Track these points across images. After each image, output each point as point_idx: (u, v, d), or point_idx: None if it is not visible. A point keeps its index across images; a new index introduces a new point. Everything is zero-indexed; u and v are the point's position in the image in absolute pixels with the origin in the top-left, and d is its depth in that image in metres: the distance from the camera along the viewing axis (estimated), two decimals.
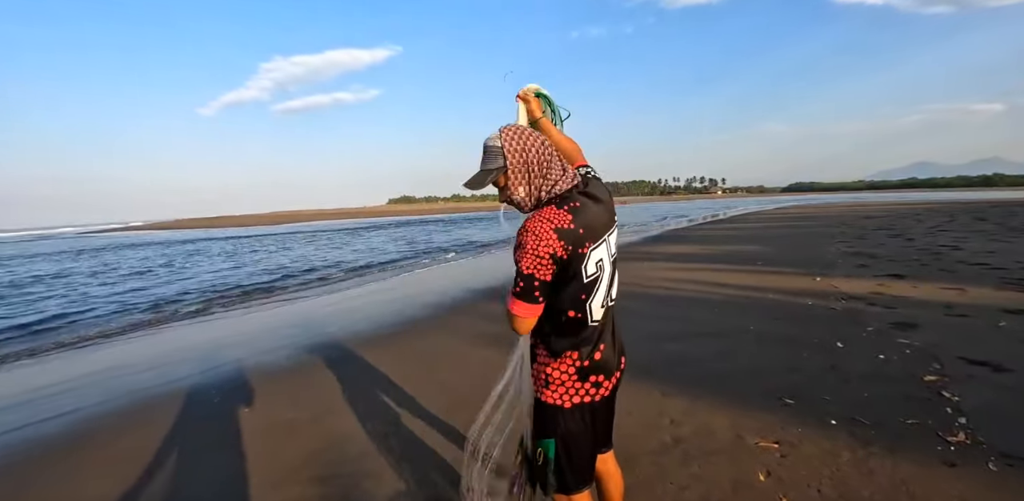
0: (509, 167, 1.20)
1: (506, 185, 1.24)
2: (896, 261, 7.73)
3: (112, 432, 3.06)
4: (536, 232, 1.14)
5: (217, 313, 7.23)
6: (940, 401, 2.71)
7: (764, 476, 2.09)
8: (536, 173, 1.21)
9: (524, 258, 1.15)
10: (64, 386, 4.04)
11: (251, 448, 2.70)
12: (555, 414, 1.29)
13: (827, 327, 4.25)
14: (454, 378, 3.60)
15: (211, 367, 4.23)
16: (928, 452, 2.20)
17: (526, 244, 1.15)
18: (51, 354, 5.39)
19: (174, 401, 3.50)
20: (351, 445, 2.66)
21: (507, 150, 1.20)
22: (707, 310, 5.15)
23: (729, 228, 18.00)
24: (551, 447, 1.31)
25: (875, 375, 3.13)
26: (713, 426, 2.57)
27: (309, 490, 2.25)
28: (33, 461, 2.75)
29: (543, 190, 1.23)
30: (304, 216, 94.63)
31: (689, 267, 8.29)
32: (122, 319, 7.24)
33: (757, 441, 2.38)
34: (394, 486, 2.23)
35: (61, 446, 2.91)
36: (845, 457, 2.20)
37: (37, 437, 3.05)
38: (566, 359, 1.28)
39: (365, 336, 4.96)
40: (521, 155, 1.20)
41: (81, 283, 11.67)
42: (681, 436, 2.48)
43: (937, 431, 2.38)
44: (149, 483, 2.42)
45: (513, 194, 1.24)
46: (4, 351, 5.67)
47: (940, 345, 3.62)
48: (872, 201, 44.03)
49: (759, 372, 3.31)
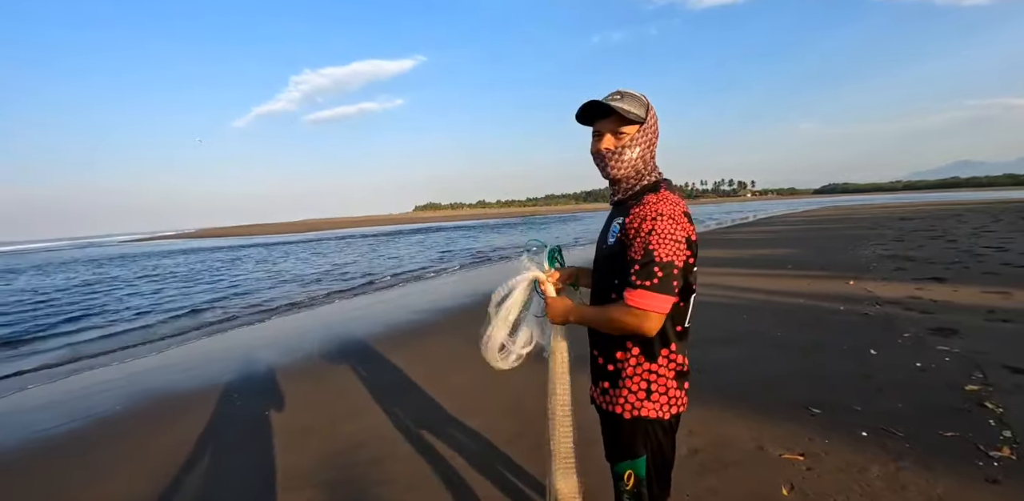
0: (645, 125, 1.15)
1: (623, 139, 1.15)
2: (936, 264, 7.36)
3: (138, 431, 3.14)
4: (672, 215, 1.07)
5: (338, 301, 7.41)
6: (982, 412, 2.54)
7: (787, 490, 1.98)
8: (651, 151, 1.19)
9: (661, 245, 1.04)
10: (99, 388, 4.18)
11: (268, 450, 2.73)
12: (652, 429, 1.17)
13: (859, 333, 4.06)
14: (464, 382, 3.57)
15: (241, 368, 4.32)
16: (967, 467, 2.06)
17: (662, 229, 1.05)
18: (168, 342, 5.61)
19: (199, 402, 3.57)
20: (364, 450, 2.65)
21: (650, 111, 1.17)
22: (732, 316, 4.99)
23: (758, 231, 17.55)
24: (642, 466, 1.18)
25: (911, 384, 2.96)
26: (733, 437, 2.46)
27: (322, 493, 2.26)
28: (70, 457, 2.84)
29: (646, 169, 1.19)
30: (335, 223, 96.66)
31: (715, 271, 8.07)
32: (171, 323, 7.48)
33: (781, 453, 2.26)
34: (405, 491, 2.20)
35: (94, 443, 3.00)
36: (876, 471, 2.07)
37: (78, 433, 3.16)
38: (662, 360, 1.17)
39: (384, 337, 5.00)
40: (655, 126, 1.18)
41: (128, 284, 12.14)
42: (698, 447, 2.38)
43: (978, 445, 2.22)
44: (173, 482, 2.46)
45: (624, 151, 1.15)
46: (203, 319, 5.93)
47: (982, 352, 3.41)
48: (910, 202, 42.29)
49: (784, 381, 3.17)
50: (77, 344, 6.50)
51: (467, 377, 3.68)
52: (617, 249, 1.15)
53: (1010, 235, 10.64)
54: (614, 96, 1.16)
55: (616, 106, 1.12)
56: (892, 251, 9.19)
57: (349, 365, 4.26)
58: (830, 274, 6.99)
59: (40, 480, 2.62)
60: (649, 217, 1.07)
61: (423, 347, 4.73)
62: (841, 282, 6.31)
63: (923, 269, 6.94)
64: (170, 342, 6.11)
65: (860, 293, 5.58)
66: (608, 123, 1.16)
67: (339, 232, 50.54)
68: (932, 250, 8.98)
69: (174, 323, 7.48)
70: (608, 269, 1.21)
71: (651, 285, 1.03)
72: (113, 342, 6.39)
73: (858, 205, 41.04)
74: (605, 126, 1.17)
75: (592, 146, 1.21)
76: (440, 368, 4.00)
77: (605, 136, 1.17)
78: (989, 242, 9.59)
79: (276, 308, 8.15)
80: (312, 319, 6.93)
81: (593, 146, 1.20)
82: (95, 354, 5.77)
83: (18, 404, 4.03)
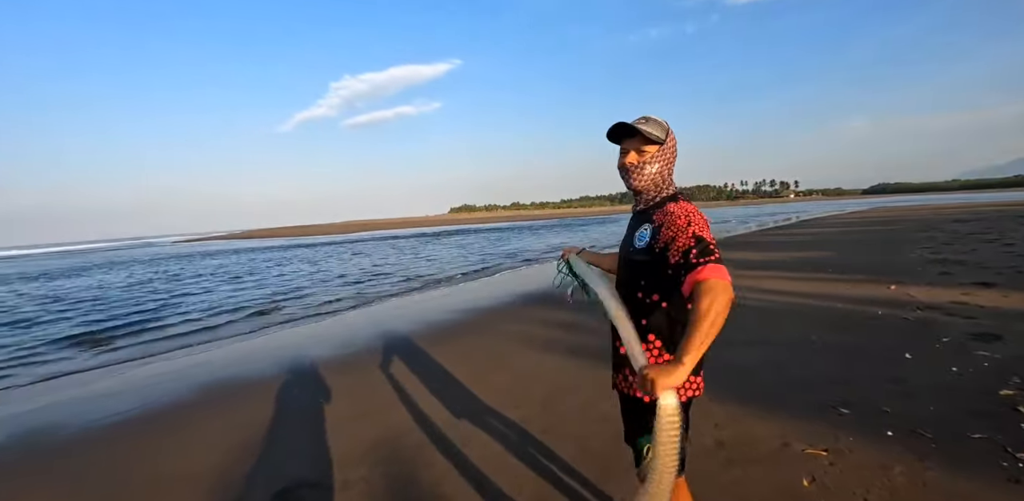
0: (664, 146, 1.37)
1: (644, 157, 1.36)
2: (987, 268, 7.09)
3: (208, 415, 3.49)
4: (700, 214, 1.26)
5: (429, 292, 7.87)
6: (1014, 416, 2.55)
7: (808, 482, 2.09)
8: (669, 168, 1.39)
9: (705, 230, 1.19)
10: (162, 377, 4.62)
11: (325, 433, 3.03)
12: None
13: (896, 338, 4.04)
14: (504, 378, 3.78)
15: (296, 361, 4.67)
16: (991, 468, 2.11)
17: (698, 221, 1.22)
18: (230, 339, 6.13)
19: (261, 391, 3.92)
20: (411, 436, 2.91)
21: (670, 135, 1.38)
22: (770, 318, 5.02)
23: (800, 233, 17.10)
24: None
25: (945, 388, 2.98)
26: (759, 432, 2.57)
27: (374, 470, 2.52)
28: (150, 436, 3.21)
29: (664, 183, 1.39)
30: (374, 225, 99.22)
31: (754, 274, 8.02)
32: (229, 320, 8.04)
33: (804, 448, 2.36)
34: (448, 472, 2.43)
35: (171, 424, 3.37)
36: (899, 469, 2.15)
37: (159, 414, 3.55)
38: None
39: (426, 335, 5.28)
40: (674, 147, 1.39)
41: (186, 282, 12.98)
42: (725, 440, 2.50)
43: (1006, 447, 2.26)
44: (246, 456, 2.78)
45: (645, 166, 1.36)
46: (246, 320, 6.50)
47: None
48: (967, 202, 39.94)
49: (815, 382, 3.24)
50: (149, 341, 7.07)
51: (505, 375, 3.89)
52: (646, 254, 1.32)
53: None
54: (640, 120, 1.37)
55: (641, 128, 1.33)
56: (941, 255, 8.87)
57: (395, 360, 4.55)
58: (871, 278, 6.85)
59: (132, 453, 2.99)
60: (683, 215, 1.24)
61: (464, 344, 4.98)
62: (882, 286, 6.19)
63: (972, 274, 6.71)
64: (236, 338, 6.59)
65: (901, 298, 5.49)
66: (633, 142, 1.38)
67: (378, 233, 51.87)
68: (985, 254, 8.61)
69: (236, 321, 7.99)
70: (636, 272, 1.38)
71: (715, 259, 1.14)
72: (178, 340, 6.92)
73: (909, 206, 39.13)
74: (631, 144, 1.39)
75: (619, 161, 1.42)
76: (480, 365, 4.22)
77: (630, 153, 1.39)
78: None
79: (332, 304, 8.59)
80: (362, 317, 7.30)
81: (619, 161, 1.42)
82: (161, 351, 6.30)
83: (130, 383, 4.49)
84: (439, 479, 2.39)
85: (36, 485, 2.69)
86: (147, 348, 6.36)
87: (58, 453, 3.09)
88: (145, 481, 2.65)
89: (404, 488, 2.35)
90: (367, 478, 2.46)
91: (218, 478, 2.59)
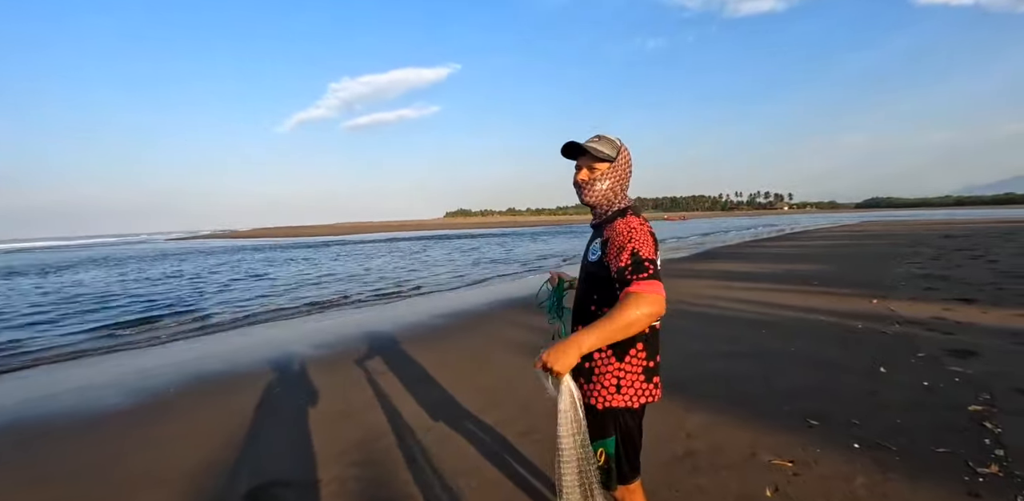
0: (614, 163, 1.41)
1: (595, 174, 1.41)
2: (970, 284, 7.19)
3: (187, 411, 3.50)
4: (642, 230, 1.30)
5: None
6: (979, 431, 2.60)
7: (771, 492, 2.12)
8: (621, 184, 1.43)
9: (642, 247, 1.24)
10: (158, 370, 4.61)
11: (305, 432, 3.06)
12: (621, 415, 1.38)
13: (873, 351, 4.09)
14: (487, 381, 3.81)
15: (279, 359, 4.68)
16: (952, 482, 2.15)
17: (639, 237, 1.26)
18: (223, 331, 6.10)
19: (246, 386, 3.94)
20: (389, 437, 2.93)
21: (621, 152, 1.42)
22: (751, 330, 5.07)
23: (790, 246, 17.23)
24: (612, 445, 1.39)
25: (915, 402, 3.03)
26: (730, 442, 2.60)
27: (349, 470, 2.54)
28: (127, 429, 3.20)
29: (615, 199, 1.43)
30: (370, 228, 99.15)
31: (742, 286, 8.09)
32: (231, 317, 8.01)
33: (771, 459, 2.40)
34: (425, 472, 2.45)
35: (150, 417, 3.37)
36: (861, 480, 2.19)
37: (132, 409, 3.54)
38: (632, 360, 1.36)
39: (412, 337, 5.30)
40: (625, 164, 1.43)
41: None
42: (694, 449, 2.53)
43: (968, 461, 2.30)
44: (223, 455, 2.78)
45: (595, 182, 1.41)
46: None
47: (996, 375, 3.42)
48: (958, 218, 40.42)
49: (791, 394, 3.28)
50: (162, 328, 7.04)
51: (487, 377, 3.92)
52: (597, 267, 1.37)
53: None
54: (593, 139, 1.42)
55: (589, 146, 1.38)
56: (926, 270, 8.98)
57: (378, 361, 4.57)
58: (855, 292, 6.93)
59: (107, 446, 2.98)
60: (625, 231, 1.29)
61: (449, 346, 5.01)
62: (865, 300, 6.27)
63: (955, 289, 6.81)
64: (223, 335, 6.58)
65: (882, 312, 5.56)
66: (585, 160, 1.43)
67: (374, 236, 51.79)
68: (969, 270, 8.73)
69: (231, 316, 7.97)
70: (590, 285, 1.43)
71: (648, 275, 1.21)
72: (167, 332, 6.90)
73: (900, 221, 39.54)
74: (582, 162, 1.44)
75: (573, 177, 1.47)
76: (463, 367, 4.25)
77: (582, 170, 1.44)
78: None
79: (315, 305, 8.59)
80: (350, 318, 7.30)
81: (574, 177, 1.47)
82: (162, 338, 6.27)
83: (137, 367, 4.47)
84: (412, 481, 2.41)
85: (5, 476, 2.69)
86: (136, 337, 6.34)
87: (33, 444, 3.08)
88: (121, 474, 2.65)
89: (376, 489, 2.37)
90: (341, 478, 2.47)
91: (195, 473, 2.60)
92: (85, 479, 2.63)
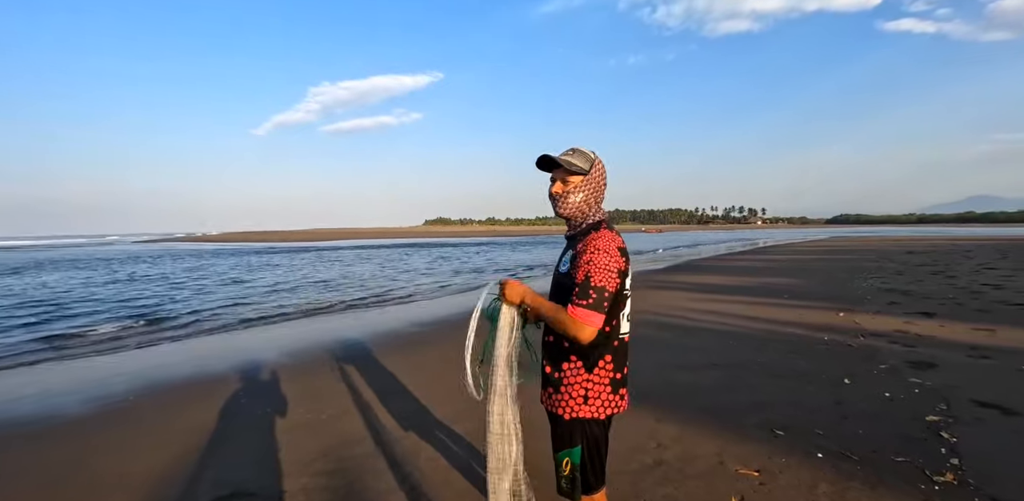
0: (588, 176, 1.42)
1: (569, 186, 1.43)
2: (931, 299, 7.48)
3: (150, 418, 3.37)
4: (607, 250, 1.31)
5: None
6: (937, 441, 2.69)
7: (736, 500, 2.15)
8: (595, 197, 1.44)
9: (596, 273, 1.27)
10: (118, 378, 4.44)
11: (272, 441, 2.98)
12: (588, 426, 1.39)
13: (839, 363, 4.21)
14: (455, 390, 3.78)
15: (248, 365, 4.56)
16: (910, 490, 2.21)
17: (598, 261, 1.28)
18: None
19: (209, 396, 3.81)
20: (358, 446, 2.88)
21: (596, 165, 1.43)
22: (723, 342, 5.16)
23: (762, 260, 17.64)
24: (578, 455, 1.40)
25: (876, 413, 3.12)
26: (698, 452, 2.63)
27: (316, 480, 2.48)
28: (86, 437, 3.07)
29: (589, 211, 1.45)
30: (348, 234, 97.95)
31: (714, 298, 8.25)
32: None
33: (738, 468, 2.44)
34: (394, 483, 2.41)
35: (115, 425, 3.24)
36: (823, 489, 2.24)
37: (96, 415, 3.40)
38: (600, 371, 1.38)
39: (385, 345, 5.23)
40: (599, 177, 1.44)
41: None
42: (664, 459, 2.56)
43: (925, 470, 2.38)
44: (185, 464, 2.69)
45: (569, 195, 1.42)
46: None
47: (953, 386, 3.55)
48: (921, 235, 42.06)
49: (759, 404, 3.34)
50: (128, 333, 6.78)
51: (458, 386, 3.89)
52: (566, 279, 1.39)
53: (1013, 273, 10.71)
54: (567, 152, 1.44)
55: (563, 159, 1.40)
56: (890, 285, 9.30)
57: (351, 369, 4.50)
58: (823, 305, 7.13)
59: (69, 452, 2.85)
60: (589, 251, 1.32)
61: (422, 355, 4.95)
62: (832, 313, 6.45)
63: (916, 304, 7.06)
64: (193, 339, 6.38)
65: (848, 325, 5.73)
66: (559, 172, 1.45)
67: (352, 242, 51.15)
68: (930, 285, 9.08)
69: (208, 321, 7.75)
70: (559, 295, 1.44)
71: (587, 304, 1.26)
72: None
73: (867, 237, 40.88)
74: (557, 174, 1.46)
75: (548, 189, 1.48)
76: (434, 376, 4.21)
77: (557, 182, 1.45)
78: (989, 279, 9.67)
79: (290, 313, 8.42)
80: (321, 325, 7.17)
81: (548, 189, 1.48)
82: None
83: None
84: (381, 492, 2.36)
85: None
86: (100, 346, 6.10)
87: None
88: (80, 481, 2.55)
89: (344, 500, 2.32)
90: (308, 489, 2.41)
91: (156, 483, 2.51)
92: (40, 485, 2.52)
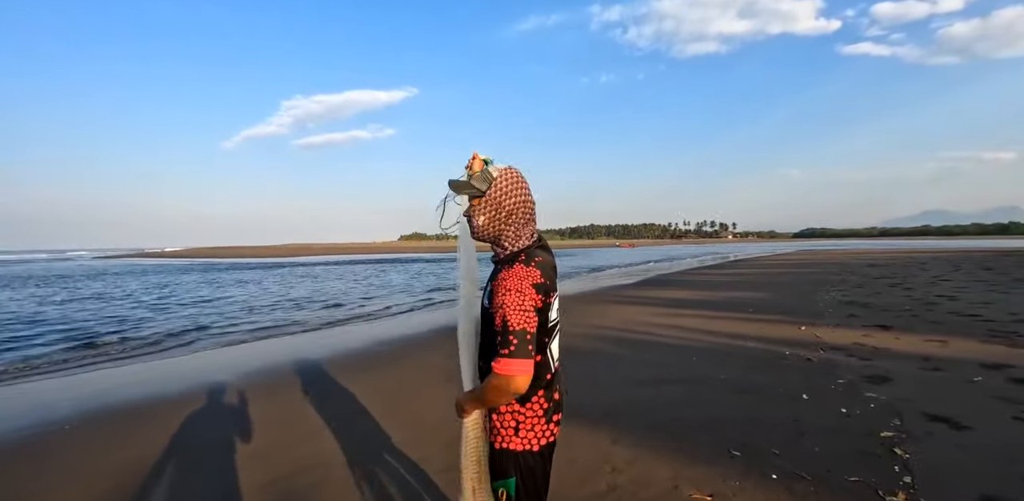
0: (486, 197, 1.32)
1: (472, 210, 1.35)
2: (888, 311, 7.67)
3: (92, 443, 3.12)
4: (519, 289, 1.22)
5: None
6: (890, 458, 2.68)
7: None
8: (502, 217, 1.32)
9: (512, 316, 1.19)
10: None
11: (218, 470, 2.80)
12: (520, 457, 1.33)
13: (799, 378, 4.23)
14: (416, 413, 3.64)
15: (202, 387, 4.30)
16: None
17: (511, 302, 1.20)
18: None
19: (158, 419, 3.59)
20: (308, 475, 2.72)
21: (496, 184, 1.32)
22: (684, 357, 5.14)
23: (730, 274, 17.95)
24: (512, 486, 1.33)
25: (833, 429, 3.11)
26: (653, 475, 2.56)
27: None
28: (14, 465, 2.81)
29: (501, 236, 1.34)
30: (321, 250, 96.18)
31: (679, 313, 8.29)
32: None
33: (691, 493, 2.37)
34: None
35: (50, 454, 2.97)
36: None
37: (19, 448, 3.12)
38: (533, 404, 1.33)
39: (346, 365, 5.03)
40: (500, 195, 1.32)
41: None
42: (618, 484, 2.47)
43: (878, 489, 2.36)
44: (128, 493, 2.47)
45: (474, 218, 1.35)
46: None
47: (907, 400, 3.59)
48: (882, 248, 43.71)
49: (717, 422, 3.30)
50: None
51: (418, 407, 3.76)
52: (485, 313, 1.34)
53: (965, 284, 11.12)
54: (475, 173, 1.34)
55: (457, 183, 1.34)
56: (850, 297, 9.53)
57: (309, 390, 4.31)
58: (786, 319, 7.23)
59: None
60: (501, 292, 1.23)
61: (382, 376, 4.76)
62: (795, 327, 6.54)
63: (874, 316, 7.23)
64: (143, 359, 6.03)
65: (809, 338, 5.80)
66: (463, 196, 1.38)
67: (324, 258, 50.16)
68: (888, 298, 9.34)
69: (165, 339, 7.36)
70: (485, 324, 1.37)
71: (509, 352, 1.17)
72: None
73: (832, 250, 42.23)
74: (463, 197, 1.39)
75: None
76: (394, 398, 4.04)
77: (469, 204, 1.38)
78: (943, 291, 10.02)
79: (251, 333, 8.09)
80: (281, 345, 6.90)
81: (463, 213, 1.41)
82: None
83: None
84: None
85: None
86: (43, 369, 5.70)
87: None
88: None
89: None
90: None
91: None
92: None
